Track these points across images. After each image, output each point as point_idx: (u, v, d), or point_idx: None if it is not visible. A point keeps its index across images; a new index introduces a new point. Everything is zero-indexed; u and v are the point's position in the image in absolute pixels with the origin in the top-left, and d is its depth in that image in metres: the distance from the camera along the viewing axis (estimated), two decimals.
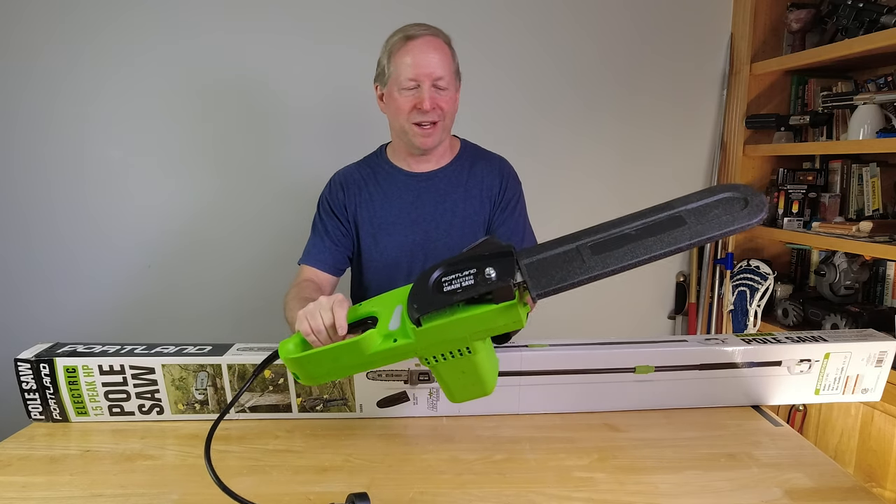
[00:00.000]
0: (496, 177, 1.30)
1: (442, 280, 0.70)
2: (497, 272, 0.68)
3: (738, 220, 0.65)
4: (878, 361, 1.01)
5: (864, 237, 1.76)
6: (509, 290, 0.67)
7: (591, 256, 0.68)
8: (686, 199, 0.69)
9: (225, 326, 2.07)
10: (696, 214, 0.67)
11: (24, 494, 0.81)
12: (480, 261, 0.70)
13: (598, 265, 0.67)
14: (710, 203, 0.67)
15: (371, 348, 0.76)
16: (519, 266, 0.69)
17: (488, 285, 0.68)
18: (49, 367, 0.97)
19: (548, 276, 0.68)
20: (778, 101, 2.17)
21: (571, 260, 0.68)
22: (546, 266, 0.69)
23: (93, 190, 1.96)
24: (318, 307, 0.83)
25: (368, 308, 0.82)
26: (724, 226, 0.65)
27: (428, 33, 1.18)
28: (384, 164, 1.30)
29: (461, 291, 0.68)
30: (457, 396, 0.81)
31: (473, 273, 0.69)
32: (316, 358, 0.80)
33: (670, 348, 1.01)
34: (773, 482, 0.83)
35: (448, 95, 1.19)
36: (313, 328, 0.82)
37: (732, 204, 0.66)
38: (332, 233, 1.28)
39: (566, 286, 0.67)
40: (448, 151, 1.30)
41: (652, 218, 0.68)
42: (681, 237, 0.66)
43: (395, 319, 0.77)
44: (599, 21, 2.10)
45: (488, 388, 0.80)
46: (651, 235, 0.67)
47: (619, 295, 2.29)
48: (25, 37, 1.85)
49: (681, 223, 0.67)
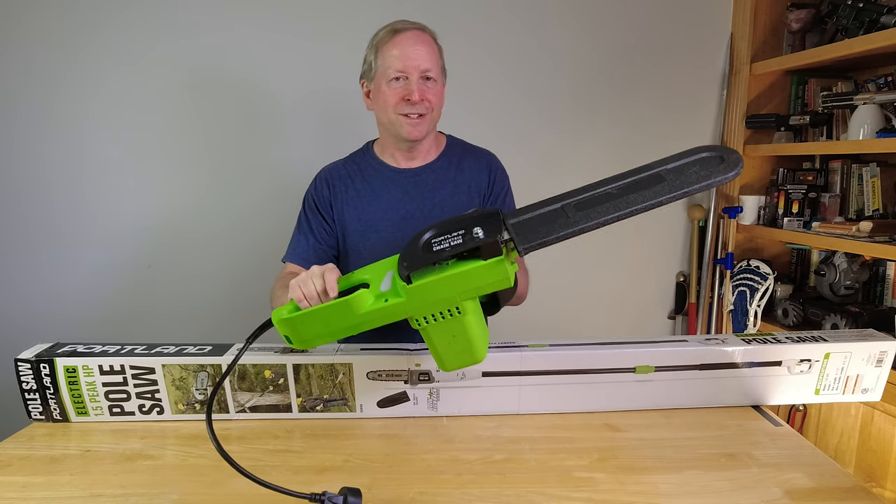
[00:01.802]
0: (484, 171, 1.30)
1: (432, 240, 0.73)
2: (485, 230, 0.71)
3: (715, 175, 0.68)
4: (879, 361, 1.01)
5: (864, 237, 1.76)
6: (497, 246, 0.70)
7: (576, 213, 0.71)
8: (664, 161, 0.73)
9: (223, 321, 2.07)
10: (675, 172, 0.71)
11: (24, 494, 0.81)
12: (468, 221, 0.73)
13: (583, 219, 0.70)
14: (689, 162, 0.71)
15: (362, 307, 0.77)
16: (506, 225, 0.72)
17: (476, 242, 0.70)
18: (49, 367, 0.97)
19: (533, 232, 0.71)
20: (778, 101, 2.17)
21: (556, 217, 0.72)
22: (532, 224, 0.72)
23: (91, 188, 1.96)
24: (310, 275, 0.85)
25: (360, 276, 0.84)
26: (702, 179, 0.68)
27: (415, 27, 1.19)
28: (371, 161, 1.30)
29: (450, 249, 0.71)
30: (447, 364, 0.82)
31: (462, 233, 0.72)
32: (307, 318, 0.82)
33: (670, 348, 1.01)
34: (773, 482, 0.83)
35: (436, 88, 1.20)
36: (306, 294, 0.83)
37: (710, 161, 0.70)
38: (317, 231, 1.28)
39: (551, 240, 0.70)
40: (434, 147, 1.30)
41: (633, 178, 0.73)
42: (661, 191, 0.69)
43: (386, 282, 0.79)
44: (599, 21, 2.10)
45: (478, 354, 0.81)
46: (633, 192, 0.70)
47: (619, 295, 2.29)
48: (25, 36, 1.85)
49: (660, 180, 0.70)
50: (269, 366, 0.98)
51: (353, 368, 0.98)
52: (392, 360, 0.99)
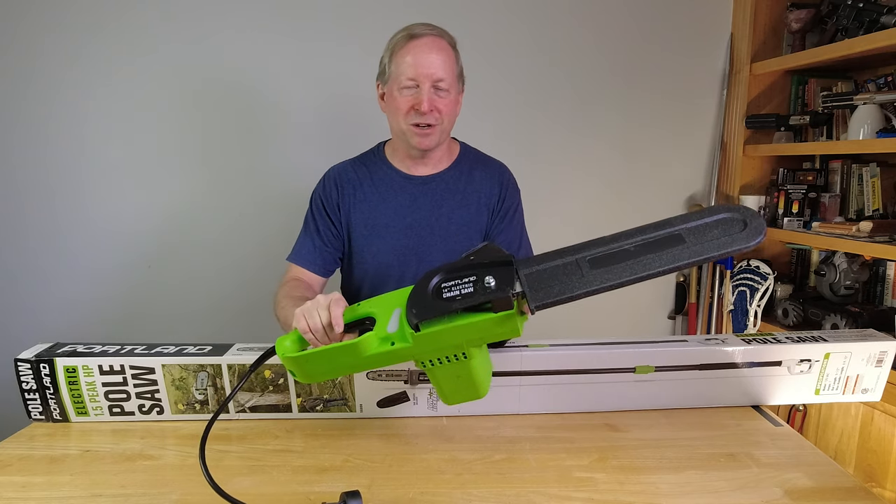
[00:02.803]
0: (495, 185, 1.27)
1: (441, 286, 0.71)
2: (496, 281, 0.68)
3: (737, 242, 0.65)
4: (878, 361, 1.01)
5: (864, 237, 1.76)
6: (508, 301, 0.68)
7: (590, 270, 0.68)
8: (685, 218, 0.69)
9: (223, 323, 2.07)
10: (695, 234, 0.67)
11: (24, 494, 0.81)
12: (480, 269, 0.70)
13: (597, 280, 0.67)
14: (710, 223, 0.67)
15: (368, 350, 0.76)
16: (518, 276, 0.69)
17: (487, 294, 0.68)
18: (49, 367, 0.97)
19: (546, 288, 0.68)
20: (778, 101, 2.17)
21: (570, 273, 0.68)
22: (545, 277, 0.69)
23: (92, 189, 1.96)
24: (316, 305, 0.83)
25: (367, 308, 0.82)
26: (723, 247, 0.65)
27: (432, 33, 1.15)
28: (381, 165, 1.28)
29: (460, 299, 0.69)
30: (450, 399, 0.82)
31: (473, 281, 0.69)
32: (313, 358, 0.81)
33: (670, 348, 1.01)
34: (773, 482, 0.83)
35: (448, 98, 1.16)
36: (311, 326, 0.82)
37: (731, 225, 0.66)
38: (324, 233, 1.27)
39: (564, 299, 0.67)
40: (447, 155, 1.28)
41: (651, 235, 0.69)
42: (679, 256, 0.66)
43: (393, 322, 0.77)
44: (599, 21, 2.10)
45: (481, 391, 0.81)
46: (650, 252, 0.67)
47: (619, 295, 2.26)
48: (25, 37, 1.85)
49: (680, 241, 0.67)
50: (269, 366, 0.98)
51: None
52: None
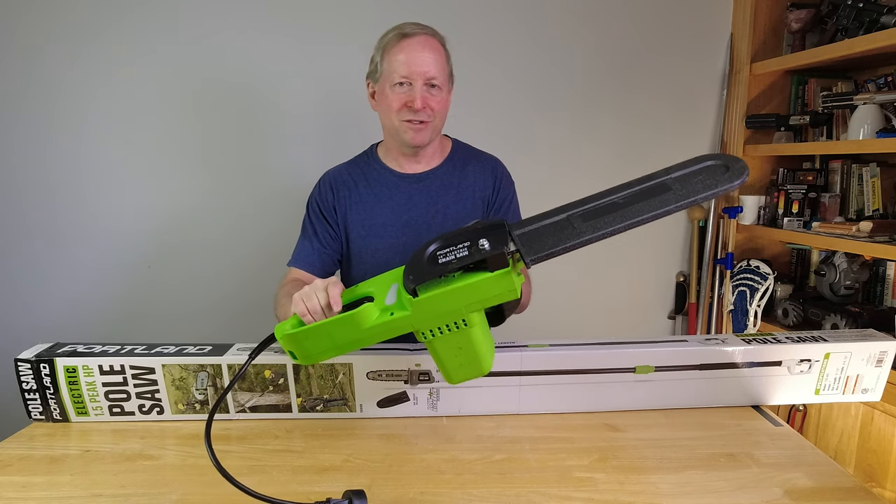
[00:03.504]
0: (489, 178, 1.29)
1: (437, 253, 0.72)
2: (491, 242, 0.70)
3: (721, 183, 0.68)
4: (878, 361, 1.01)
5: (864, 237, 1.76)
6: (503, 258, 0.70)
7: (582, 223, 0.71)
8: (669, 170, 0.72)
9: (223, 323, 2.07)
10: (681, 181, 0.70)
11: (24, 494, 0.81)
12: (474, 234, 0.72)
13: (589, 230, 0.70)
14: (694, 170, 0.71)
15: (367, 322, 0.76)
16: (512, 236, 0.72)
17: (482, 254, 0.70)
18: (49, 367, 0.97)
19: (540, 243, 0.70)
20: (778, 101, 2.17)
21: (562, 228, 0.71)
22: (538, 235, 0.72)
23: (92, 189, 1.96)
24: (314, 288, 0.84)
25: (364, 289, 0.83)
26: (708, 188, 0.68)
27: (424, 32, 1.17)
28: (375, 165, 1.29)
29: (456, 261, 0.70)
30: (454, 377, 0.81)
31: (468, 245, 0.71)
32: (312, 333, 0.80)
33: (670, 348, 1.01)
34: (773, 482, 0.83)
35: (440, 96, 1.18)
36: (309, 309, 0.82)
37: (715, 170, 0.70)
38: (322, 235, 1.27)
39: (559, 251, 0.69)
40: (439, 152, 1.29)
41: (638, 187, 0.72)
42: (667, 200, 0.69)
43: (391, 295, 0.78)
44: (599, 21, 2.10)
45: (484, 366, 0.80)
46: (638, 202, 0.70)
47: (619, 295, 2.29)
48: (25, 37, 1.85)
49: (666, 189, 0.70)
50: (269, 366, 0.98)
51: (353, 368, 0.98)
52: (392, 360, 0.99)
